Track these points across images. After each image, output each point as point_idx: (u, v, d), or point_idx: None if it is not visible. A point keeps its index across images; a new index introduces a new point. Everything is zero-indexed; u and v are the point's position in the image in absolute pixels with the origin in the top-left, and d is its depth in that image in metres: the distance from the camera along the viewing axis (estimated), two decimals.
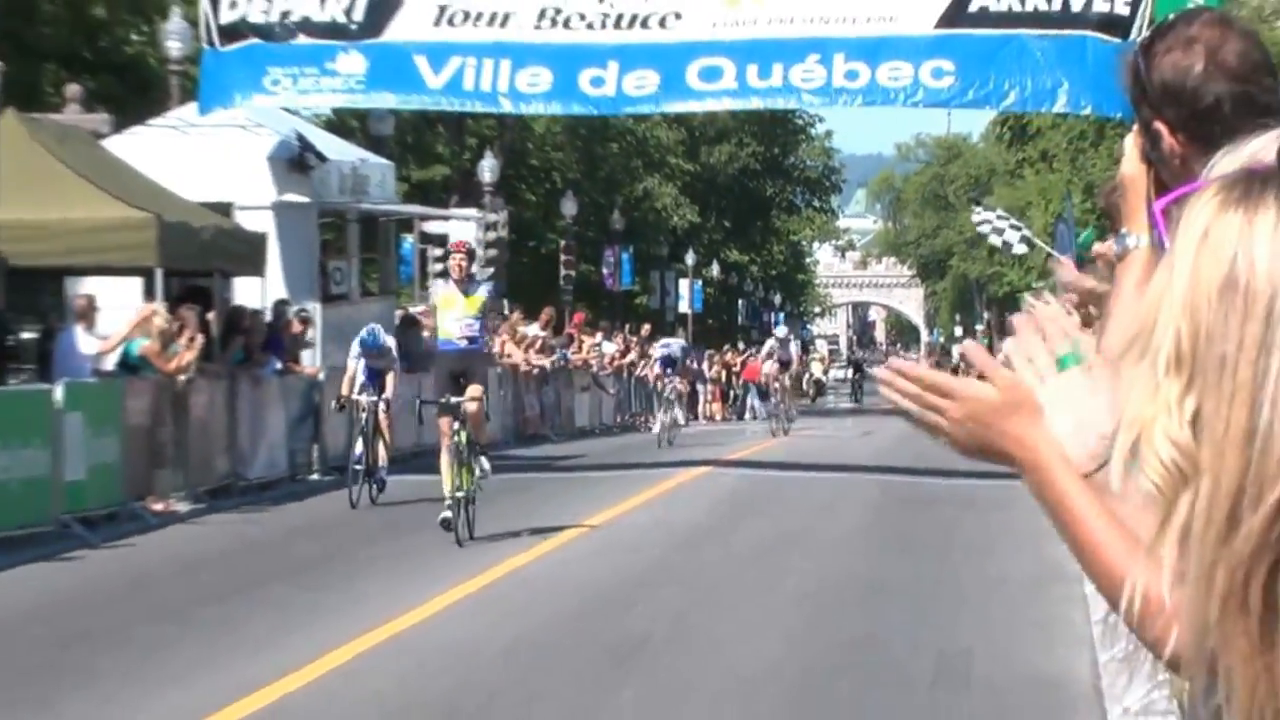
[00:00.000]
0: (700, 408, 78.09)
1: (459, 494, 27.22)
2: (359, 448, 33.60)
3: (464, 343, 28.02)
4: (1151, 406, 3.26)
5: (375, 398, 34.23)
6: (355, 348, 34.80)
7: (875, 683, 18.43)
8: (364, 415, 33.99)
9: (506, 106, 44.91)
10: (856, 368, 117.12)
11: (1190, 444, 3.19)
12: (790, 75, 40.79)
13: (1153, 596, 3.31)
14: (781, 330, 66.22)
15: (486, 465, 28.33)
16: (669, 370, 53.25)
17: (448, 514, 27.09)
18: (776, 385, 60.85)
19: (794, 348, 65.70)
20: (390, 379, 35.20)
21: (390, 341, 35.61)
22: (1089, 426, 3.78)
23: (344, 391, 34.41)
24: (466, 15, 40.26)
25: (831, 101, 43.32)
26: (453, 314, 28.04)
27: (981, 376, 3.83)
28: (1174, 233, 3.16)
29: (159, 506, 32.16)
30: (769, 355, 61.92)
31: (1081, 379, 3.85)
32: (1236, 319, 3.00)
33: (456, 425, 27.48)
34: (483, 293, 28.86)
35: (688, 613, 22.77)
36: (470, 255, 29.21)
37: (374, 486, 33.79)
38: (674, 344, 61.58)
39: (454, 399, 27.59)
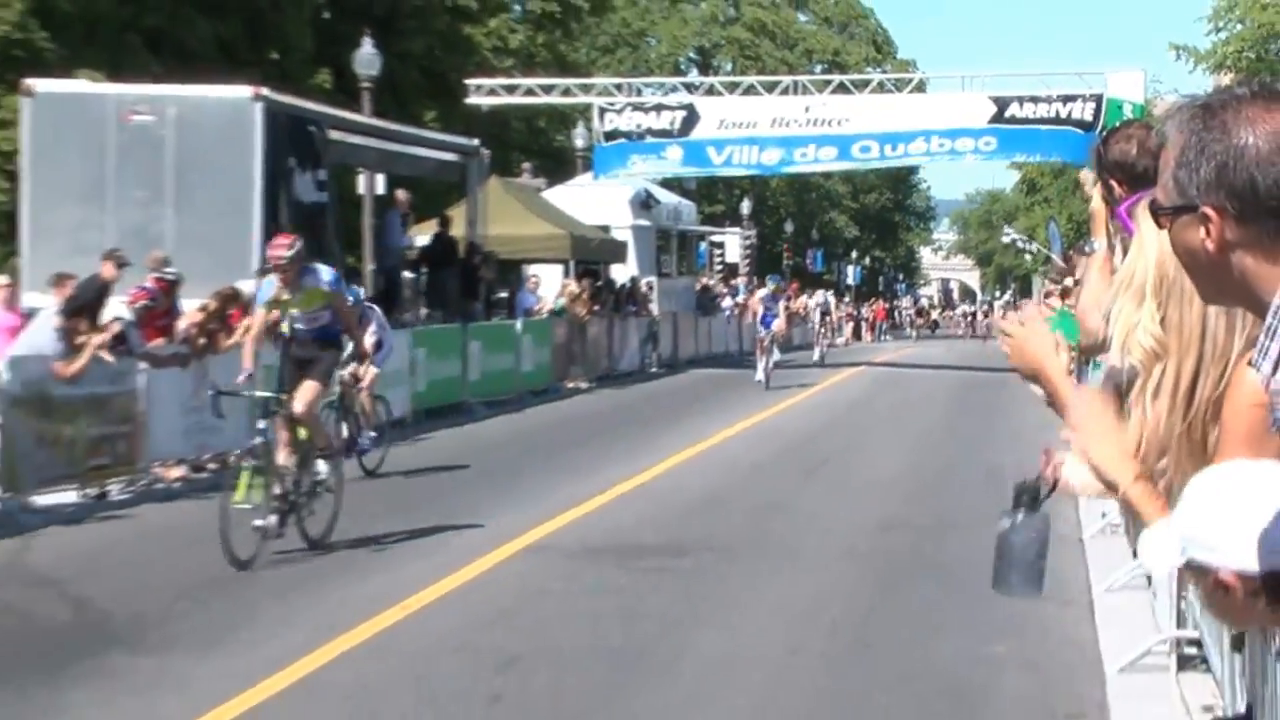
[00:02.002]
0: (862, 334, 77.94)
1: (244, 505, 12.58)
2: (344, 430, 18.24)
3: (311, 325, 13.86)
4: (1137, 315, 3.41)
5: (348, 372, 18.22)
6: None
7: (952, 483, 18.25)
8: (336, 389, 17.46)
9: (756, 172, 45.41)
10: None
11: (1163, 336, 3.35)
12: (909, 149, 41.28)
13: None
14: (819, 295, 54.21)
15: (321, 469, 13.71)
16: (766, 323, 35.51)
17: (265, 521, 12.69)
18: (821, 329, 48.00)
19: (831, 300, 56.08)
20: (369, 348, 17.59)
21: (373, 306, 20.33)
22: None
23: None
24: (735, 124, 40.75)
25: (930, 161, 45.42)
26: (292, 314, 13.88)
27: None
28: (1138, 221, 3.26)
29: (571, 385, 32.29)
30: (819, 305, 50.65)
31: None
32: None
33: (263, 424, 13.20)
34: (312, 282, 13.69)
35: (848, 445, 22.63)
36: (291, 246, 13.50)
37: (359, 458, 18.47)
38: (811, 297, 52.93)
39: (265, 393, 13.64)
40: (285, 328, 14.12)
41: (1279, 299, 2.38)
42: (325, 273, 13.92)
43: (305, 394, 13.52)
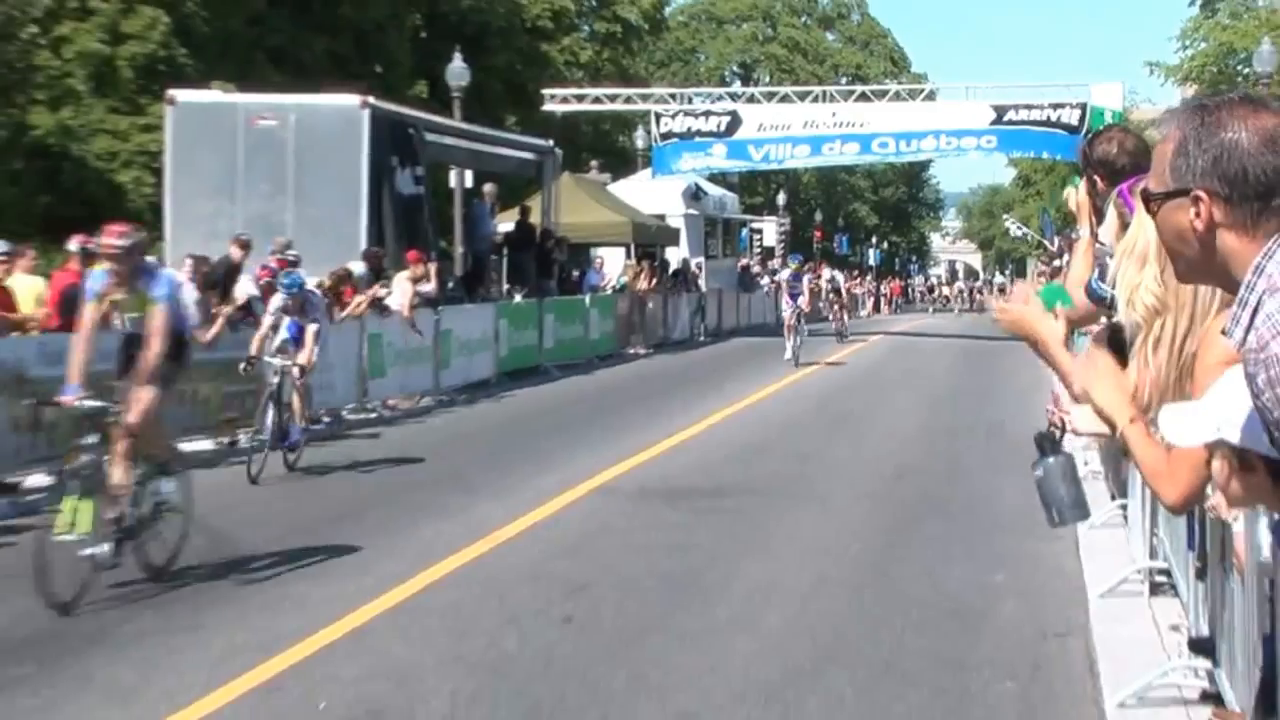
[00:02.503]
0: (880, 307, 77.62)
1: (68, 536, 8.82)
2: (270, 416, 14.47)
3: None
4: (1139, 277, 3.42)
5: (290, 362, 14.83)
6: (275, 302, 15.33)
7: (958, 436, 18.13)
8: (275, 379, 14.68)
9: (788, 165, 45.31)
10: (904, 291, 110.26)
11: (1163, 294, 3.37)
12: (921, 145, 41.05)
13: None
14: (827, 272, 49.87)
15: (166, 487, 9.83)
16: (794, 300, 30.45)
17: (96, 550, 9.00)
18: (836, 306, 42.38)
19: (840, 278, 47.48)
20: (310, 336, 15.06)
21: (315, 291, 16.17)
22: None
23: (252, 351, 14.63)
24: (773, 126, 40.63)
25: (939, 157, 45.34)
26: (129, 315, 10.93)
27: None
28: (1136, 199, 3.28)
29: (632, 351, 32.24)
30: (829, 283, 44.35)
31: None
32: None
33: (91, 439, 9.19)
34: (146, 286, 9.67)
35: (871, 404, 22.47)
36: (125, 236, 9.67)
37: (285, 452, 14.73)
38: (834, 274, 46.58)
39: (93, 403, 9.34)
40: (116, 320, 11.09)
41: (1250, 274, 2.40)
42: (163, 283, 9.89)
43: (140, 401, 9.54)
